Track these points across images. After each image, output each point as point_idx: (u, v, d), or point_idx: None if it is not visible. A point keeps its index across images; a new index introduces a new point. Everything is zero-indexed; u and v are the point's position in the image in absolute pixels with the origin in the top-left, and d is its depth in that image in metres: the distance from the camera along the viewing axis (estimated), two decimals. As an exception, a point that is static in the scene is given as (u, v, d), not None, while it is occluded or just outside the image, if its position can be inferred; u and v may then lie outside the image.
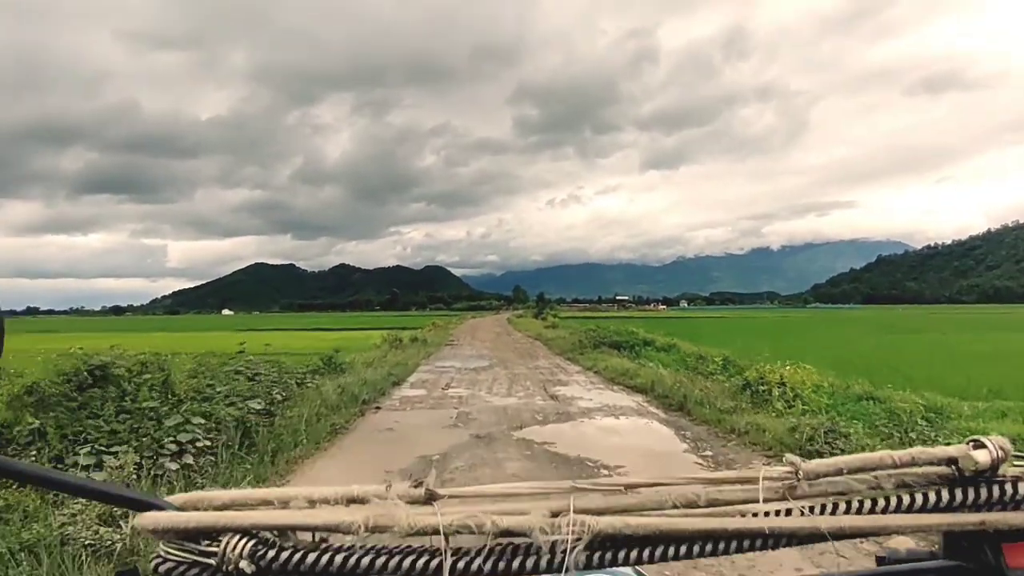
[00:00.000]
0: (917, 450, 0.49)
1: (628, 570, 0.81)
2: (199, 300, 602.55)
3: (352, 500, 0.47)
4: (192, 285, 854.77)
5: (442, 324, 35.04)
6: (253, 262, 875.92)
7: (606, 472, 5.40)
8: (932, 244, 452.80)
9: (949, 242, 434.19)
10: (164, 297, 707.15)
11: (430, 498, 0.46)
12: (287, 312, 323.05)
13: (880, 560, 0.56)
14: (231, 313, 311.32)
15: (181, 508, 0.46)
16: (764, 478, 0.47)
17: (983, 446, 0.48)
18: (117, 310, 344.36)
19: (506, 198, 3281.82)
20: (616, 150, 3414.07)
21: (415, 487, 0.47)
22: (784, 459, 0.49)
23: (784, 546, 0.47)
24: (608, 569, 0.45)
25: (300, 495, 0.47)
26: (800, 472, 0.47)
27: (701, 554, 0.46)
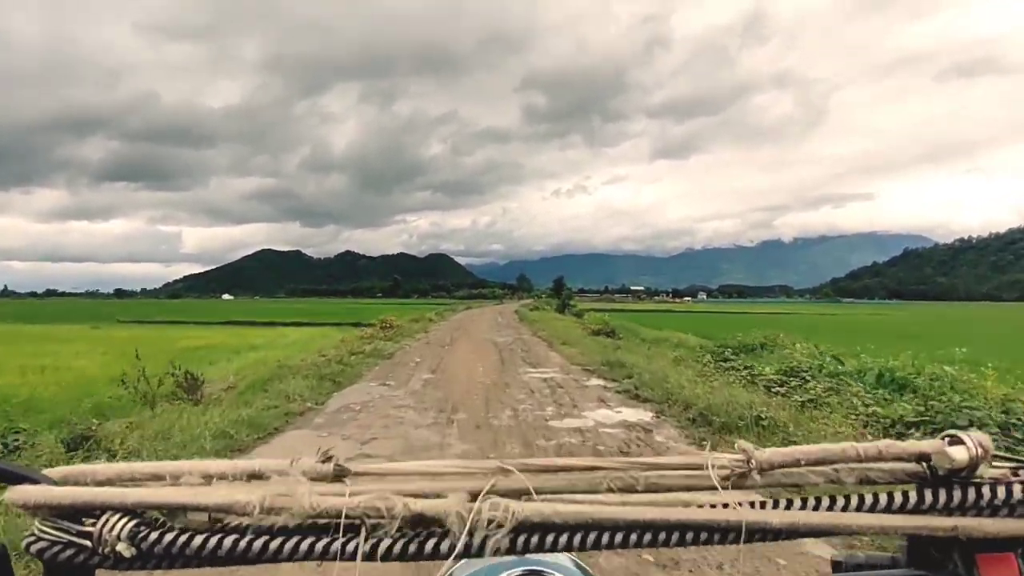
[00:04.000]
0: (885, 443, 0.44)
1: (563, 556, 0.73)
2: (206, 285, 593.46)
3: (253, 476, 0.42)
4: (203, 270, 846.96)
5: (402, 325, 18.57)
6: (261, 248, 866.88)
7: None
8: (964, 237, 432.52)
9: (986, 235, 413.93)
10: (176, 281, 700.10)
11: (339, 475, 0.41)
12: (291, 297, 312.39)
13: (836, 565, 0.50)
14: (231, 298, 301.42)
15: (60, 482, 0.41)
16: (711, 466, 0.42)
17: (961, 442, 0.43)
18: (120, 293, 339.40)
19: (512, 187, 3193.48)
20: (625, 139, 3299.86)
21: (323, 462, 0.42)
22: (736, 446, 0.44)
23: (731, 542, 0.42)
24: (538, 554, 0.41)
25: (195, 470, 0.42)
26: (752, 460, 0.42)
27: (637, 545, 0.41)
